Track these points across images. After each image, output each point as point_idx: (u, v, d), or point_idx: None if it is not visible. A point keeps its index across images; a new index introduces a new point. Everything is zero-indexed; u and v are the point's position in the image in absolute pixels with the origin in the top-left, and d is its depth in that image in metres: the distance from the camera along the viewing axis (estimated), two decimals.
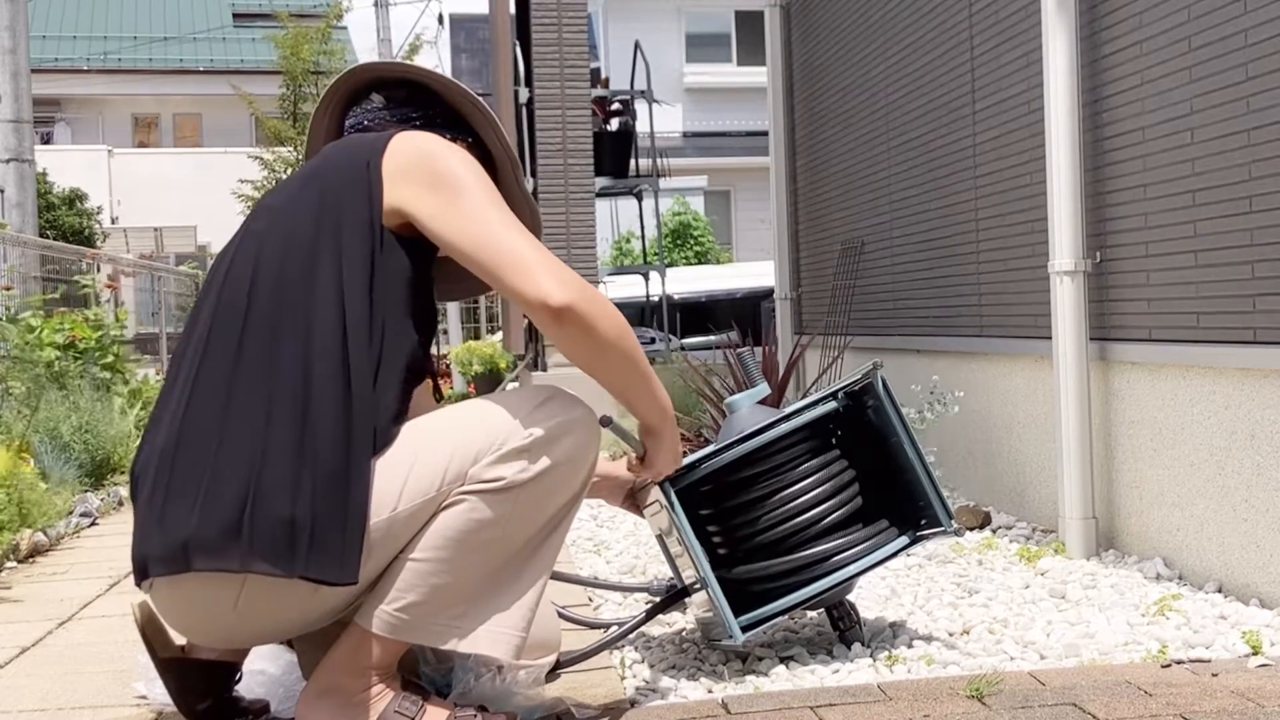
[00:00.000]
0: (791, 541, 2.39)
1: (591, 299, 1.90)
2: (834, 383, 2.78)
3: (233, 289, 1.95)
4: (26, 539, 3.97)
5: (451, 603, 1.87)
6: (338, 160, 2.00)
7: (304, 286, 1.90)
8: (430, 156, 1.97)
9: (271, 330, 1.89)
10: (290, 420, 1.83)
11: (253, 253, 1.96)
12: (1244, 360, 2.82)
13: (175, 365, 2.00)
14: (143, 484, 1.91)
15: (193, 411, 1.89)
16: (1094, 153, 3.41)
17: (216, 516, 1.79)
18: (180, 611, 1.93)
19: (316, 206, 1.95)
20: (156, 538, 1.84)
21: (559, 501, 1.96)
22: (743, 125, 20.86)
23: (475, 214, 1.92)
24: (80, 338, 6.75)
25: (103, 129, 27.05)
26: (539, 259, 1.89)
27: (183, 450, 1.86)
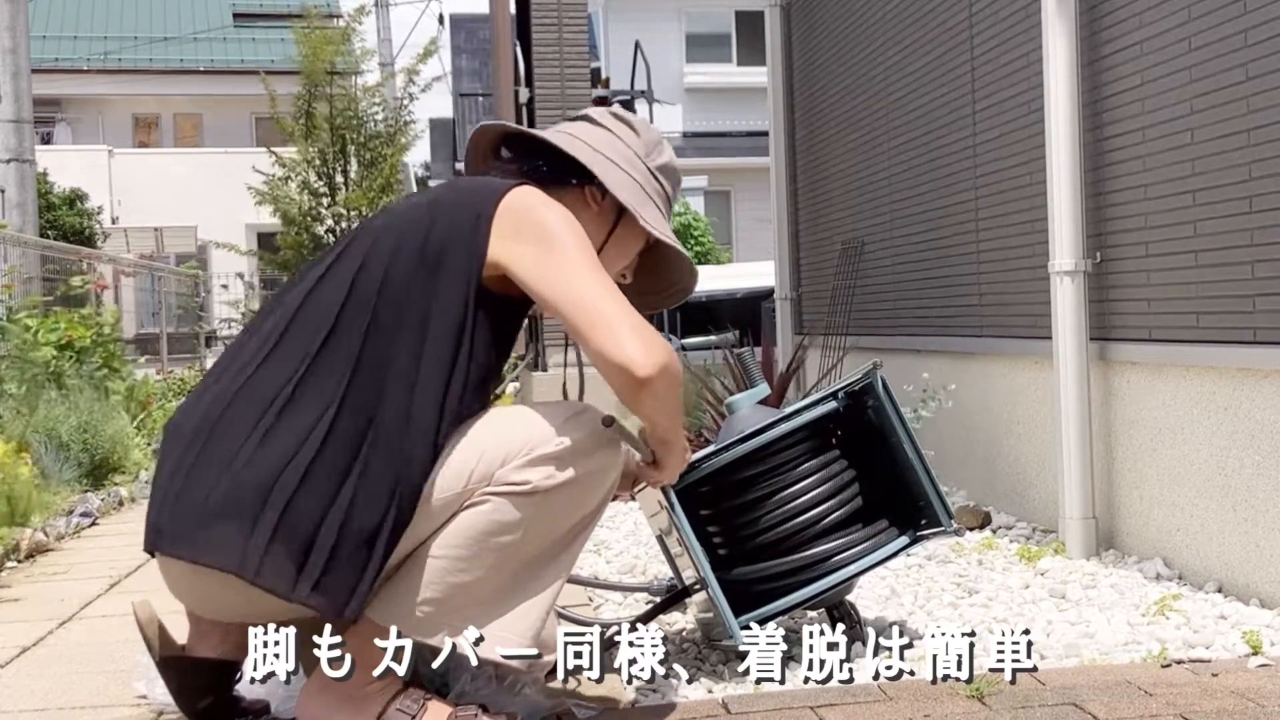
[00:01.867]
0: (792, 542, 2.39)
1: (670, 367, 1.92)
2: (834, 383, 2.78)
3: (331, 289, 1.98)
4: (27, 539, 3.96)
5: (464, 604, 1.89)
6: (455, 201, 2.02)
7: (396, 316, 1.93)
8: (529, 211, 1.99)
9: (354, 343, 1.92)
10: (348, 440, 1.86)
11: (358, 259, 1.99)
12: (1244, 360, 2.82)
13: (243, 341, 2.03)
14: (176, 443, 1.93)
15: (251, 389, 1.91)
16: (1094, 153, 3.41)
17: (238, 510, 1.81)
18: (188, 589, 1.96)
19: (424, 240, 1.97)
20: (175, 512, 1.86)
21: (579, 514, 1.98)
22: (743, 125, 20.85)
23: (563, 267, 1.94)
24: (76, 337, 6.75)
25: (103, 129, 27.04)
26: (626, 323, 1.90)
27: (225, 424, 1.89)
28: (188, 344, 13.56)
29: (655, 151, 2.23)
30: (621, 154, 2.19)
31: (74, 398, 5.84)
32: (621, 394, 1.94)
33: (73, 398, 5.84)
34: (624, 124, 2.23)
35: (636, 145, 2.21)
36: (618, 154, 2.18)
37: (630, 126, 2.23)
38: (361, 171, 11.70)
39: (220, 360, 2.05)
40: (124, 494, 5.22)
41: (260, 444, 1.86)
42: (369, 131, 11.78)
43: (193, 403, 1.99)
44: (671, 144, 2.37)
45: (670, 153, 2.29)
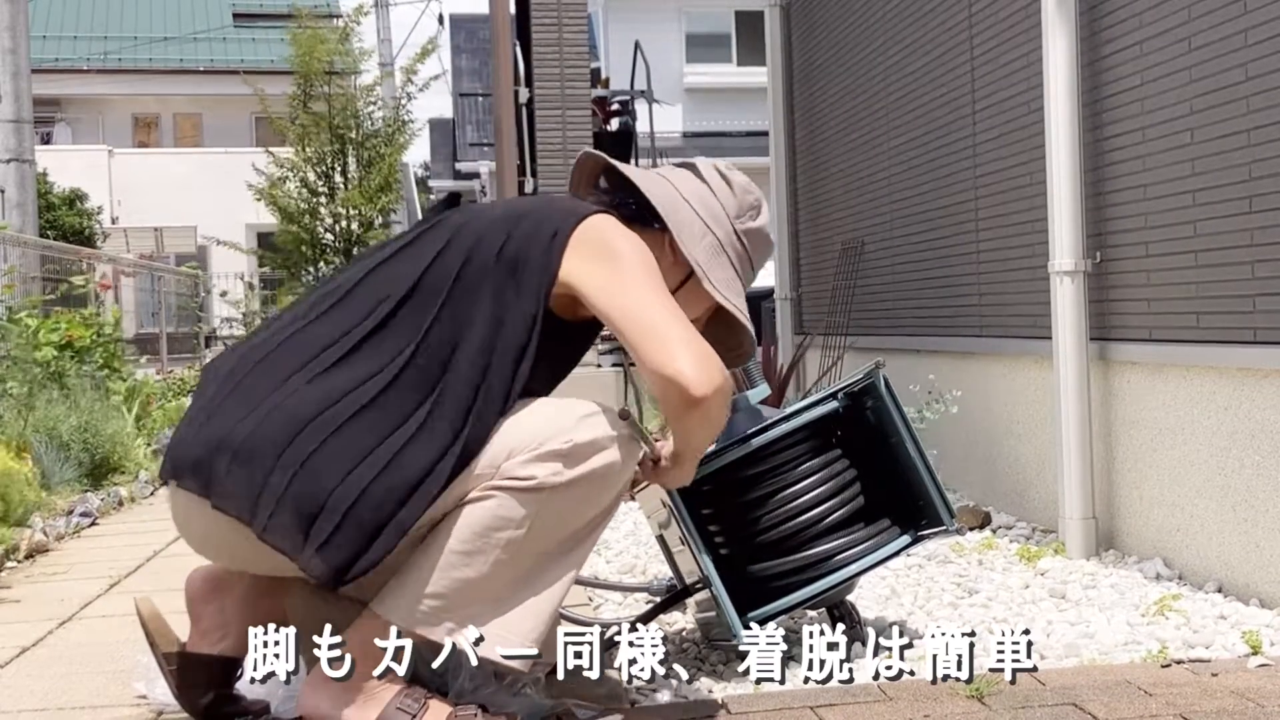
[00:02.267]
0: (793, 541, 2.39)
1: (724, 388, 1.93)
2: (834, 383, 2.78)
3: (403, 265, 2.00)
4: (26, 539, 3.96)
5: (468, 600, 1.88)
6: (538, 216, 2.04)
7: (469, 307, 1.95)
8: (603, 233, 2.02)
9: (425, 317, 1.94)
10: (403, 400, 1.87)
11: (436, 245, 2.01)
12: (1244, 360, 2.82)
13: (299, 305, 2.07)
14: (211, 382, 1.97)
15: (302, 338, 1.95)
16: (1094, 153, 3.41)
17: (258, 460, 1.82)
18: (197, 526, 1.96)
19: (501, 245, 1.99)
20: (197, 444, 1.88)
21: (587, 515, 1.96)
22: (743, 125, 20.84)
23: (627, 285, 1.95)
24: (76, 337, 6.75)
25: (103, 129, 27.03)
26: (684, 340, 1.90)
27: (266, 366, 1.92)
28: (188, 344, 13.56)
29: (748, 215, 2.22)
30: (710, 210, 2.18)
31: (74, 397, 5.84)
32: (669, 411, 1.95)
33: (73, 397, 5.83)
34: (724, 181, 2.23)
35: (729, 204, 2.20)
36: (706, 209, 2.18)
37: (729, 185, 2.22)
38: (360, 171, 11.69)
39: (270, 319, 2.09)
40: (124, 494, 5.22)
41: (301, 388, 1.88)
42: (367, 131, 11.77)
43: (235, 347, 2.04)
44: (671, 144, 2.36)
45: (764, 219, 2.27)
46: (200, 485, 1.87)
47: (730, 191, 2.22)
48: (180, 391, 8.65)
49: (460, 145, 21.99)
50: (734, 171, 2.28)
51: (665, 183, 2.19)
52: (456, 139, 22.52)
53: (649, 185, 2.16)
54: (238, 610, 2.08)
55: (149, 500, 5.38)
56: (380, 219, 11.88)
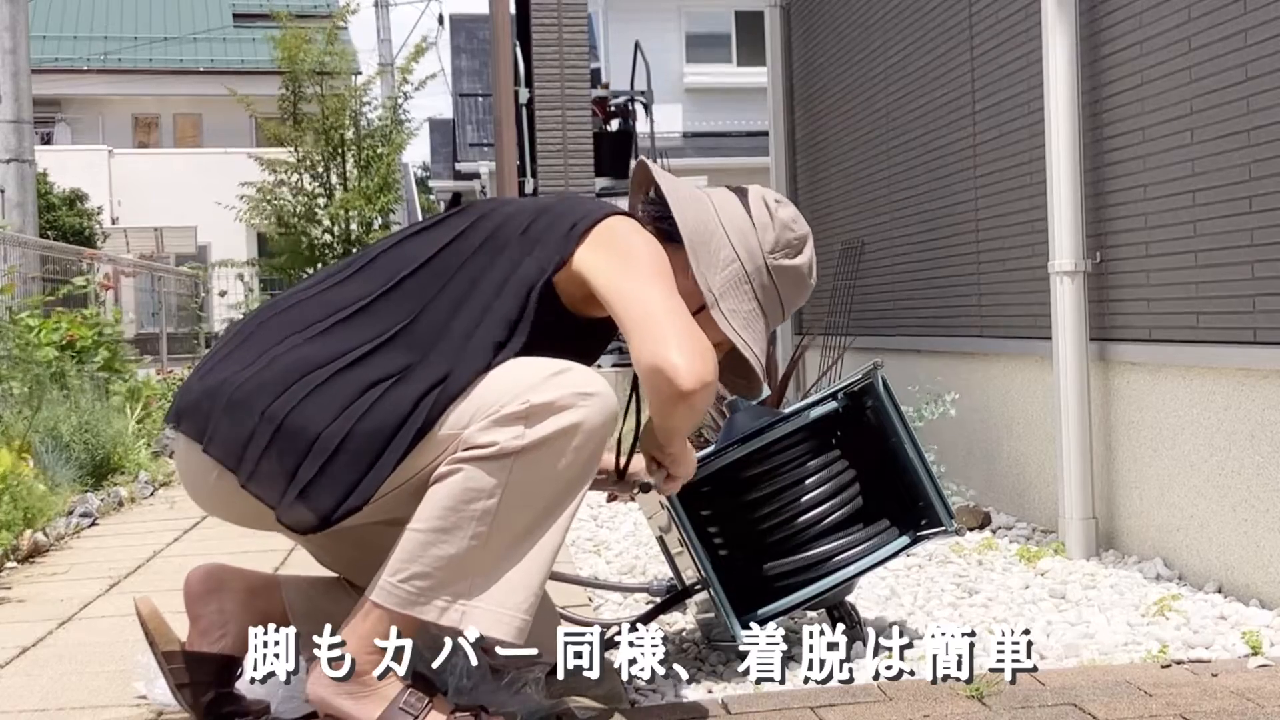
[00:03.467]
0: (792, 542, 2.39)
1: (712, 385, 1.92)
2: (834, 383, 2.78)
3: (422, 243, 2.05)
4: (26, 539, 3.96)
5: (454, 577, 1.87)
6: (561, 213, 2.06)
7: (470, 286, 1.99)
8: (621, 231, 2.04)
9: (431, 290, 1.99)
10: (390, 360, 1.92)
11: (458, 227, 2.06)
12: (1244, 360, 2.82)
13: (317, 275, 2.13)
14: (222, 341, 2.06)
15: (308, 303, 2.01)
16: (1094, 153, 3.41)
17: (246, 409, 1.89)
18: (192, 473, 2.01)
19: (522, 232, 2.03)
20: (199, 392, 1.95)
21: (561, 477, 1.90)
22: (743, 125, 20.83)
23: (634, 276, 1.96)
24: (78, 337, 6.75)
25: (103, 129, 27.03)
26: (682, 332, 1.89)
27: (272, 325, 1.99)
28: (188, 344, 13.56)
29: (784, 251, 2.19)
30: (744, 238, 2.16)
31: (75, 398, 5.84)
32: (655, 400, 1.93)
33: (74, 398, 5.83)
34: (767, 212, 2.20)
35: (767, 237, 2.17)
36: (740, 236, 2.16)
37: (771, 216, 2.20)
38: (358, 172, 11.68)
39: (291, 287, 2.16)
40: (124, 494, 5.22)
41: (300, 345, 1.94)
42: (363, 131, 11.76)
43: (246, 314, 2.11)
44: (671, 144, 2.36)
45: (804, 258, 2.22)
46: (196, 430, 1.94)
47: (770, 223, 2.19)
48: None
49: (460, 145, 22.00)
50: (784, 205, 2.24)
51: (705, 204, 2.17)
52: (456, 139, 22.53)
53: (682, 204, 2.14)
54: (236, 609, 2.09)
55: (149, 500, 5.39)
56: (380, 219, 11.88)
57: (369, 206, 11.55)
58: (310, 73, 11.49)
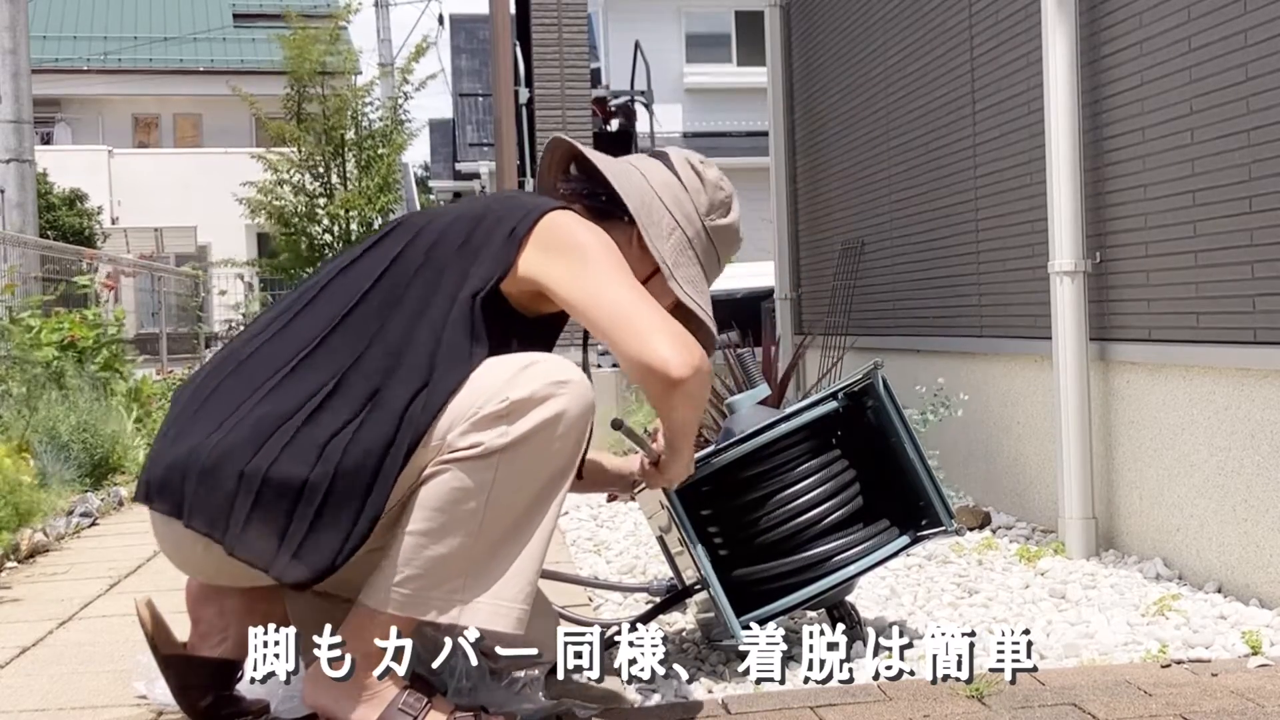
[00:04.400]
0: (792, 542, 2.39)
1: (703, 367, 1.92)
2: (834, 383, 2.78)
3: (364, 268, 2.02)
4: (26, 539, 3.96)
5: (448, 575, 1.87)
6: (497, 217, 2.04)
7: (418, 306, 1.96)
8: (565, 229, 2.01)
9: (374, 322, 1.95)
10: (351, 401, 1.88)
11: (396, 247, 2.03)
12: (1244, 360, 2.82)
13: (268, 313, 2.08)
14: (176, 403, 2.00)
15: (260, 355, 1.96)
16: (1094, 153, 3.41)
17: (222, 477, 1.84)
18: (173, 545, 1.97)
19: (460, 245, 2.00)
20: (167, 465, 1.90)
21: (549, 469, 1.91)
22: (743, 125, 20.84)
23: (593, 275, 1.95)
24: (78, 337, 6.75)
25: (103, 129, 27.04)
26: (659, 325, 1.91)
27: (228, 385, 1.94)
28: (187, 344, 13.56)
29: (718, 211, 2.22)
30: (680, 205, 2.18)
31: (74, 397, 5.83)
32: (653, 396, 1.94)
33: (73, 397, 5.83)
34: (696, 175, 2.22)
35: (700, 200, 2.21)
36: (676, 204, 2.18)
37: (701, 180, 2.22)
38: (359, 172, 11.68)
39: (243, 329, 2.11)
40: (124, 494, 5.22)
41: (257, 404, 1.89)
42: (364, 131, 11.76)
43: (203, 366, 2.05)
44: (671, 144, 2.36)
45: (735, 216, 2.26)
46: (172, 506, 1.89)
47: (702, 187, 2.22)
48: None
49: (460, 145, 22.01)
50: (709, 166, 2.27)
51: (635, 173, 2.18)
52: (456, 139, 22.54)
53: (619, 178, 2.15)
54: (237, 612, 2.08)
55: None
56: (380, 219, 11.88)
57: (369, 206, 11.55)
58: (313, 73, 11.50)
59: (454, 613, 1.87)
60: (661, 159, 2.25)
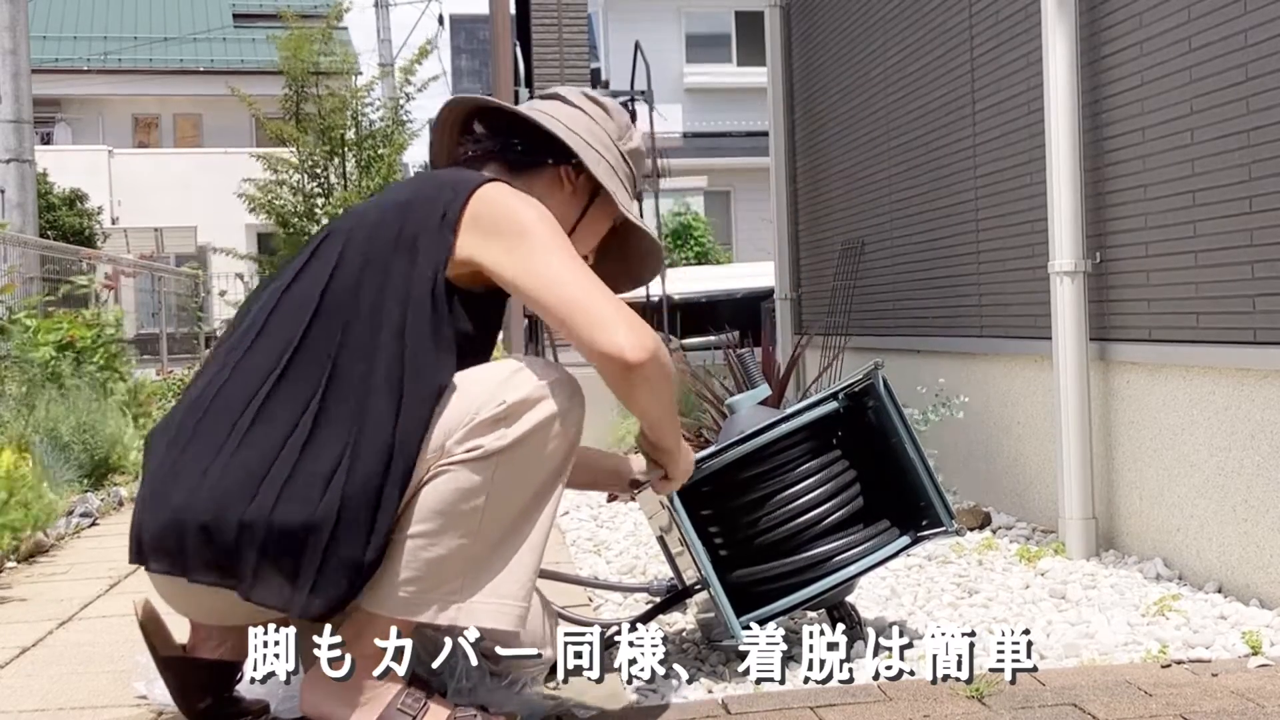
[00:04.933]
0: (792, 542, 2.39)
1: (659, 354, 1.92)
2: (834, 383, 2.78)
3: (306, 285, 1.98)
4: (26, 539, 3.96)
5: (447, 577, 1.87)
6: (424, 200, 2.01)
7: (372, 314, 1.93)
8: (498, 204, 1.99)
9: (329, 347, 1.91)
10: (330, 442, 1.85)
11: (332, 257, 1.99)
12: (1244, 360, 2.82)
13: (222, 346, 2.04)
14: (153, 454, 1.94)
15: (225, 396, 1.92)
16: (1094, 153, 3.41)
17: (223, 524, 1.81)
18: (182, 601, 1.96)
19: (394, 240, 1.97)
20: (161, 524, 1.86)
21: (546, 468, 1.92)
22: (743, 125, 20.85)
23: (540, 259, 1.93)
24: (77, 337, 6.75)
25: (103, 129, 27.04)
26: (611, 310, 1.90)
27: (200, 433, 1.89)
28: (187, 344, 13.56)
29: (626, 135, 2.25)
30: (594, 135, 2.19)
31: (73, 397, 5.83)
32: (613, 384, 1.93)
33: (71, 397, 5.83)
34: (598, 105, 2.23)
35: (609, 127, 2.22)
36: (591, 135, 2.18)
37: (604, 108, 2.23)
38: (359, 172, 11.67)
39: (202, 365, 2.06)
40: (124, 494, 5.22)
41: (237, 449, 1.86)
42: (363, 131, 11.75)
43: (172, 411, 2.01)
44: (671, 144, 2.37)
45: (639, 138, 2.30)
46: (173, 566, 1.87)
47: (606, 115, 2.23)
48: (180, 391, 8.64)
49: None
50: (600, 96, 2.29)
51: (548, 117, 2.17)
52: None
53: (539, 119, 2.15)
54: None
55: None
56: None
57: None
58: (307, 73, 11.49)
59: (452, 612, 1.87)
60: (557, 99, 2.25)
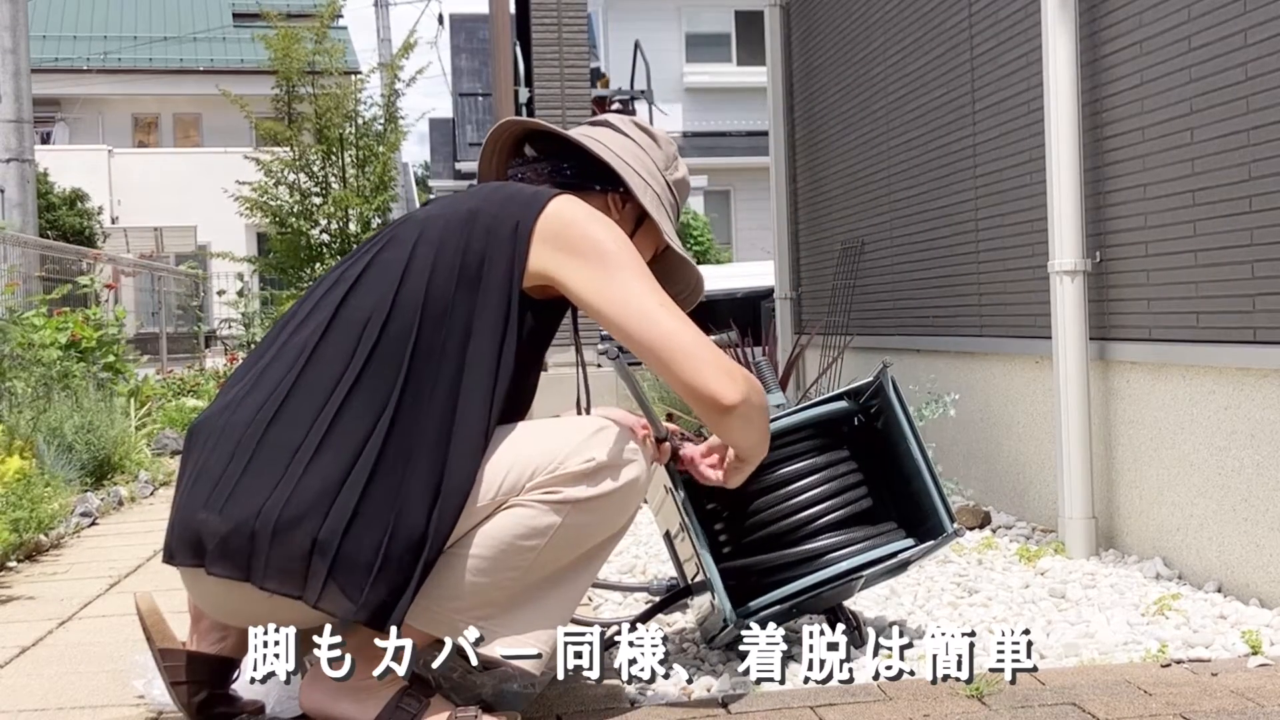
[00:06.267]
0: (792, 535, 2.39)
1: (751, 396, 1.98)
2: (834, 382, 2.78)
3: (373, 289, 1.98)
4: (29, 539, 3.96)
5: (481, 604, 1.91)
6: (493, 211, 2.03)
7: (442, 325, 1.94)
8: (575, 224, 2.01)
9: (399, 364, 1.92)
10: (396, 462, 1.87)
11: (399, 262, 1.99)
12: (1244, 360, 2.82)
13: (273, 346, 2.01)
14: (208, 450, 1.92)
15: (293, 404, 1.91)
16: (1094, 152, 3.41)
17: (295, 536, 1.82)
18: (210, 596, 1.95)
19: (463, 251, 1.98)
20: (222, 528, 1.84)
21: (607, 530, 2.01)
22: (743, 125, 20.85)
23: (626, 288, 1.97)
24: (81, 337, 6.75)
25: (103, 129, 27.03)
26: (707, 354, 1.96)
27: (270, 441, 1.88)
28: (187, 343, 13.57)
29: (672, 166, 2.29)
30: (642, 163, 2.22)
31: (80, 398, 5.84)
32: (707, 421, 2.01)
33: (76, 397, 5.83)
34: (646, 134, 2.28)
35: (657, 157, 2.26)
36: (639, 163, 2.22)
37: (652, 138, 2.28)
38: (356, 171, 11.66)
39: (249, 364, 2.03)
40: (124, 494, 5.22)
41: (312, 459, 1.85)
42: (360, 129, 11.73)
43: (225, 409, 1.96)
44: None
45: (685, 168, 2.34)
46: (237, 571, 1.85)
47: (655, 144, 2.27)
48: (180, 391, 8.65)
49: (460, 145, 22.01)
50: (648, 124, 2.33)
51: (599, 144, 2.20)
52: (456, 139, 22.55)
53: (592, 145, 2.18)
54: None
55: (149, 500, 5.38)
56: (379, 219, 11.87)
57: (366, 205, 11.54)
58: (300, 72, 11.49)
59: (474, 633, 1.90)
60: (607, 126, 2.28)
